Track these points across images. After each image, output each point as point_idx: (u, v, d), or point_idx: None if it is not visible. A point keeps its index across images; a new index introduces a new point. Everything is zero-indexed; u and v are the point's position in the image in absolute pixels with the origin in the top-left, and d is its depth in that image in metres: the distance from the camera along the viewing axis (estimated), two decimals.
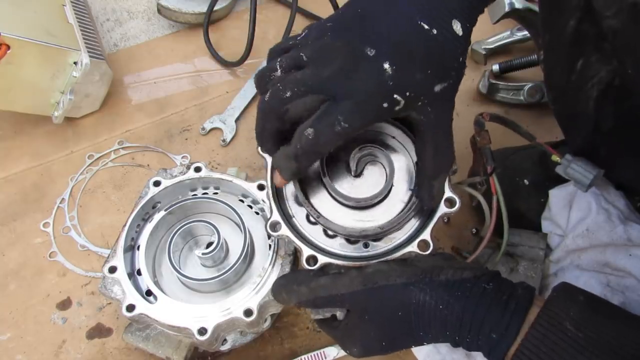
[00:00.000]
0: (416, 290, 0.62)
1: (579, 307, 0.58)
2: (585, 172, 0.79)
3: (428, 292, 0.62)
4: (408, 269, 0.65)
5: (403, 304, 0.63)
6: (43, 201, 1.08)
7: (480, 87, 1.18)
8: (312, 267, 0.68)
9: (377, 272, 0.65)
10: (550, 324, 0.57)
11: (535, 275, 0.85)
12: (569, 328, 0.56)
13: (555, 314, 0.58)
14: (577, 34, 0.71)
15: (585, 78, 0.72)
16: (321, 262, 0.69)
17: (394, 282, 0.63)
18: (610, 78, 0.70)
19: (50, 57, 1.02)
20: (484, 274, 0.63)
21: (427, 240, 0.68)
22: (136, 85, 1.24)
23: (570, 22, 0.70)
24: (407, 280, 0.63)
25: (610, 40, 0.65)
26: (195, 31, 1.32)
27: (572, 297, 0.60)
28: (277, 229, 0.70)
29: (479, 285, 0.61)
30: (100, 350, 0.93)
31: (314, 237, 0.71)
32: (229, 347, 0.85)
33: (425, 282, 0.62)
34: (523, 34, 1.22)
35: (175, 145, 1.16)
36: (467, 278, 0.62)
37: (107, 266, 0.80)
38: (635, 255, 0.77)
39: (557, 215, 0.87)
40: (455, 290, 0.61)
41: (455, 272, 0.63)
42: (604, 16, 0.63)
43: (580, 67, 0.73)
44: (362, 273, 0.65)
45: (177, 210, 0.87)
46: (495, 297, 0.60)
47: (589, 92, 0.73)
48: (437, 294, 0.61)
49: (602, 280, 0.79)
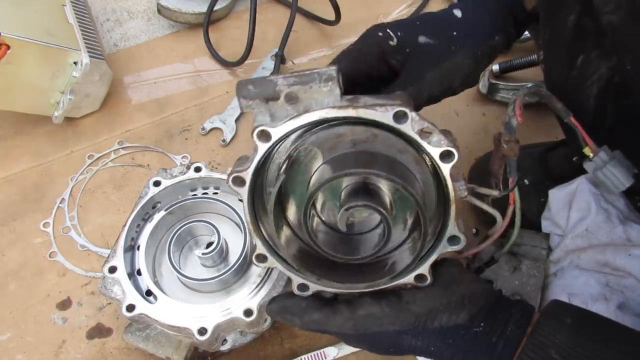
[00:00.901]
0: (409, 337, 0.63)
1: (566, 331, 0.58)
2: (618, 182, 0.71)
3: (420, 339, 0.63)
4: (402, 315, 0.64)
5: (395, 346, 0.65)
6: (43, 201, 1.08)
7: (480, 87, 1.18)
8: (304, 293, 0.67)
9: (369, 316, 0.64)
10: (536, 352, 0.57)
11: (537, 274, 0.85)
12: (554, 357, 0.56)
13: (540, 342, 0.58)
14: (578, 30, 0.71)
15: (585, 75, 0.72)
16: (313, 289, 0.67)
17: (387, 330, 0.64)
18: (610, 75, 0.69)
19: (50, 57, 1.02)
20: (480, 309, 0.62)
21: (425, 275, 0.64)
22: (136, 85, 1.25)
23: (570, 17, 0.70)
24: (400, 328, 0.63)
25: (610, 36, 0.65)
26: (195, 31, 1.32)
27: (559, 321, 0.60)
28: (264, 261, 0.67)
29: (471, 331, 0.62)
30: (100, 350, 0.93)
31: None
32: (229, 347, 0.85)
33: (418, 330, 0.63)
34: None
35: (175, 145, 1.16)
36: (461, 324, 0.62)
37: (107, 266, 0.80)
38: (634, 255, 0.77)
39: (557, 215, 0.87)
40: (447, 338, 0.62)
41: (450, 316, 0.62)
42: (603, 12, 0.63)
43: (581, 63, 0.72)
44: (353, 314, 0.65)
45: (177, 210, 0.87)
46: (485, 340, 0.61)
47: (588, 89, 0.73)
48: (430, 340, 0.63)
49: (601, 280, 0.79)
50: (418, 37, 0.76)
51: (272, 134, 0.61)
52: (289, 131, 0.61)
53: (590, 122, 0.76)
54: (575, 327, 0.59)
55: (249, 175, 0.63)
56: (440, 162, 0.60)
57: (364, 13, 1.37)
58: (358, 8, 1.37)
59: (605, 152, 0.71)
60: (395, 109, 0.59)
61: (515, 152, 0.70)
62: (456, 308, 0.63)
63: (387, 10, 1.39)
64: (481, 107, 1.19)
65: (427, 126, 0.60)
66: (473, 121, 1.17)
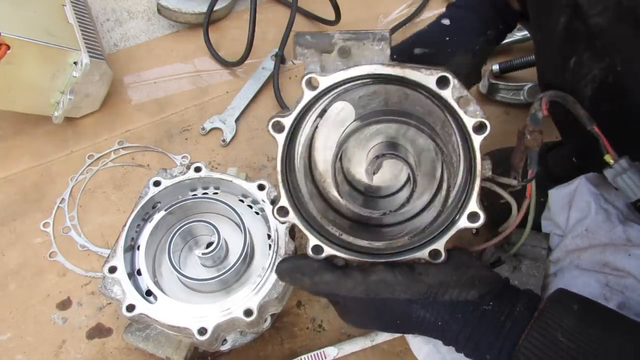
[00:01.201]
0: (418, 307, 0.63)
1: (572, 317, 0.59)
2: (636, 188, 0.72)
3: (430, 310, 0.63)
4: (414, 284, 0.64)
5: (403, 317, 0.64)
6: (43, 201, 1.08)
7: (480, 87, 1.18)
8: (317, 256, 0.67)
9: (382, 282, 0.64)
10: (543, 335, 0.58)
11: (537, 274, 0.86)
12: (561, 340, 0.57)
13: (547, 325, 0.58)
14: (568, 32, 0.71)
15: (578, 76, 0.72)
16: (327, 253, 0.67)
17: (398, 297, 0.63)
18: (604, 76, 0.69)
19: (50, 57, 1.02)
20: (489, 291, 0.63)
21: (440, 251, 0.65)
22: (136, 85, 1.25)
23: (560, 20, 0.70)
24: (411, 297, 0.63)
25: (599, 38, 0.65)
26: (195, 31, 1.32)
27: (566, 307, 0.60)
28: (284, 215, 0.67)
29: (480, 308, 0.62)
30: (100, 350, 0.93)
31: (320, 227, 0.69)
32: (229, 347, 0.85)
33: (429, 301, 0.63)
34: (523, 34, 1.22)
35: (175, 145, 1.16)
36: (471, 300, 0.62)
37: (107, 266, 0.80)
38: (634, 255, 0.77)
39: (557, 215, 0.87)
40: (457, 312, 0.62)
41: (460, 292, 0.63)
42: (590, 14, 0.64)
43: (573, 65, 0.72)
44: (366, 279, 0.65)
45: (177, 210, 0.87)
46: (493, 318, 0.61)
47: (583, 90, 0.73)
48: (439, 313, 0.62)
49: (601, 280, 0.79)
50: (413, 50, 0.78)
51: (321, 82, 0.63)
52: (336, 82, 0.64)
53: None
54: (581, 313, 0.60)
55: (289, 121, 0.65)
56: (472, 133, 0.62)
57: (364, 13, 1.37)
58: (358, 8, 1.37)
59: (625, 160, 0.72)
60: (440, 73, 0.61)
61: (538, 143, 0.71)
62: (466, 286, 0.63)
63: (387, 10, 1.39)
64: (481, 107, 1.18)
65: (466, 95, 0.63)
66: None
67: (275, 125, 0.65)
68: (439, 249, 0.65)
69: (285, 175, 0.68)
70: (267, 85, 1.23)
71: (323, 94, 0.65)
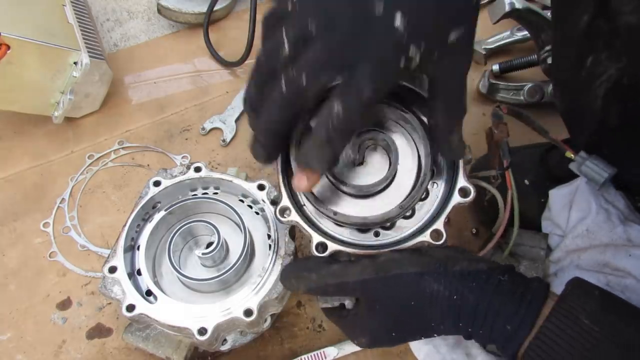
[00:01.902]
0: (430, 279, 0.61)
1: (594, 301, 0.58)
2: (600, 170, 0.78)
3: (442, 282, 0.61)
4: (422, 258, 0.63)
5: (416, 294, 0.62)
6: (43, 201, 1.08)
7: (480, 87, 1.18)
8: (321, 254, 0.67)
9: (390, 260, 0.64)
10: (566, 317, 0.57)
11: (536, 275, 0.85)
12: (584, 322, 0.56)
13: (571, 307, 0.57)
14: (590, 30, 0.70)
15: (594, 75, 0.72)
16: (331, 249, 0.67)
17: (408, 271, 0.62)
18: (619, 76, 0.69)
19: (50, 57, 1.02)
20: (498, 267, 0.63)
21: (440, 230, 0.66)
22: (136, 85, 1.25)
23: (583, 17, 0.70)
24: (422, 269, 0.62)
25: (625, 37, 0.64)
26: (195, 31, 1.32)
27: (587, 292, 0.60)
28: (287, 214, 0.68)
29: (494, 277, 0.61)
30: (100, 350, 0.93)
31: (323, 224, 0.70)
32: (229, 347, 0.85)
33: (440, 272, 0.61)
34: (523, 34, 1.22)
35: (175, 145, 1.16)
36: (482, 270, 0.62)
37: (107, 266, 0.80)
38: (635, 255, 0.77)
39: (557, 216, 0.87)
40: (470, 282, 0.60)
41: (470, 263, 0.62)
42: (621, 12, 0.62)
43: (590, 63, 0.72)
44: (374, 261, 0.64)
45: (177, 210, 0.87)
46: (510, 289, 0.60)
47: (597, 89, 0.72)
48: (452, 284, 0.60)
49: (602, 280, 0.79)
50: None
51: None
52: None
53: (596, 122, 0.76)
54: (603, 298, 0.59)
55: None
56: None
57: None
58: None
59: (584, 152, 0.80)
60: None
61: (505, 134, 0.80)
62: (474, 260, 0.63)
63: None
64: (481, 107, 1.19)
65: None
66: (473, 121, 1.17)
67: None
68: (439, 229, 0.66)
69: (285, 175, 0.70)
70: None
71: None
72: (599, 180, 0.78)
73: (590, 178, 0.79)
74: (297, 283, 0.68)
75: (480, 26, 0.63)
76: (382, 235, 0.70)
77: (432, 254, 0.64)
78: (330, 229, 0.71)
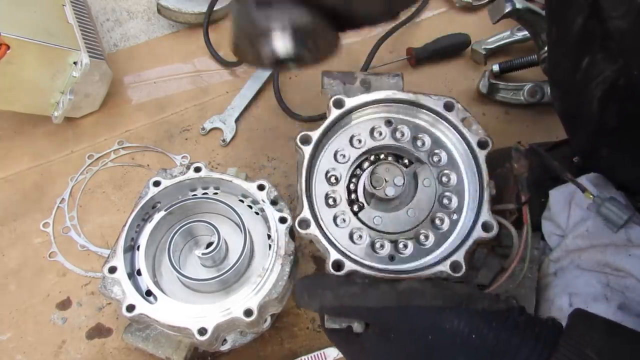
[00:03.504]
0: (452, 316, 0.60)
1: (599, 332, 0.58)
2: (619, 212, 0.77)
3: (463, 319, 0.60)
4: (444, 292, 0.62)
5: (435, 329, 0.60)
6: (43, 201, 1.08)
7: (481, 87, 1.18)
8: (337, 272, 0.66)
9: (412, 290, 0.62)
10: (571, 351, 0.56)
11: (531, 276, 0.85)
12: (590, 355, 0.56)
13: (576, 341, 0.57)
14: (584, 32, 0.70)
15: (590, 77, 0.72)
16: (348, 269, 0.66)
17: (430, 304, 0.61)
18: (615, 78, 0.69)
19: (50, 57, 1.02)
20: (515, 307, 0.63)
21: (460, 262, 0.66)
22: (136, 85, 1.24)
23: (577, 19, 0.70)
24: (444, 304, 0.61)
25: (617, 40, 0.65)
26: (195, 31, 1.32)
27: (591, 322, 0.60)
28: (306, 226, 0.69)
29: (513, 317, 0.61)
30: (100, 350, 0.93)
31: (338, 242, 0.70)
32: (229, 347, 0.85)
33: (462, 309, 0.61)
34: (523, 34, 1.22)
35: (175, 145, 1.16)
36: (502, 310, 0.61)
37: (107, 266, 0.80)
38: (635, 255, 0.77)
39: (557, 215, 0.87)
40: (490, 322, 0.60)
41: (490, 303, 0.62)
42: (611, 16, 0.63)
43: (586, 65, 0.72)
44: (394, 288, 0.63)
45: (177, 210, 0.87)
46: (527, 328, 0.60)
47: (593, 91, 0.72)
48: (473, 322, 0.60)
49: (602, 280, 0.79)
50: None
51: (346, 103, 0.76)
52: (360, 103, 0.77)
53: (594, 124, 0.76)
54: (607, 329, 0.59)
55: (316, 135, 0.74)
56: (477, 149, 0.73)
57: None
58: None
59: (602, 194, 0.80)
60: (446, 99, 0.76)
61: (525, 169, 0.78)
62: (494, 300, 0.63)
63: None
64: (481, 107, 1.19)
65: (468, 116, 0.76)
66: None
67: (303, 138, 0.74)
68: (459, 260, 0.67)
69: (308, 186, 0.71)
70: (267, 85, 1.23)
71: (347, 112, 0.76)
72: (618, 223, 0.77)
73: (609, 220, 0.78)
74: (310, 300, 0.66)
75: (480, 26, 0.64)
76: (397, 260, 0.70)
77: (454, 290, 0.63)
78: (344, 246, 0.70)
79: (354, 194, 0.76)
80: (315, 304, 0.66)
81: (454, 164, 0.76)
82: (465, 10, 1.31)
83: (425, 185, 0.75)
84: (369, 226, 0.73)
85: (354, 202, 0.75)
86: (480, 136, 0.73)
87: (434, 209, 0.73)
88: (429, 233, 0.72)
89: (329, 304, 0.64)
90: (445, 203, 0.74)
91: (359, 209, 0.74)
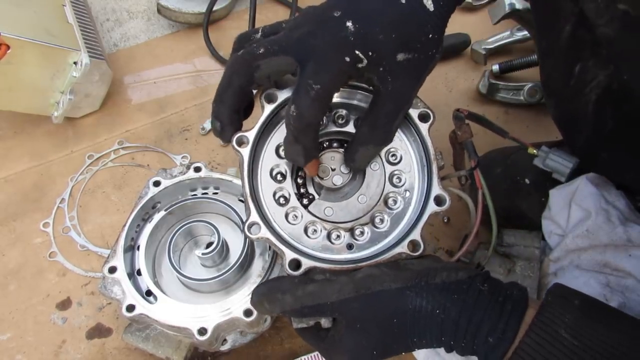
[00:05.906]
0: (412, 295, 0.60)
1: (574, 312, 0.57)
2: (564, 161, 0.80)
3: (425, 296, 0.59)
4: (402, 272, 0.62)
5: (398, 310, 0.60)
6: (43, 201, 1.08)
7: (480, 87, 1.18)
8: (295, 272, 0.65)
9: (369, 277, 0.62)
10: (545, 331, 0.56)
11: (532, 275, 0.85)
12: (564, 336, 0.55)
13: (550, 320, 0.57)
14: (573, 39, 0.71)
15: (583, 82, 0.72)
16: (305, 266, 0.65)
17: (389, 287, 0.60)
18: (608, 82, 0.69)
19: (50, 57, 1.02)
20: (477, 275, 0.62)
21: (417, 241, 0.66)
22: (136, 85, 1.24)
23: (566, 28, 0.70)
24: (403, 284, 0.60)
25: (606, 47, 0.65)
26: (195, 31, 1.32)
27: (566, 302, 0.59)
28: (255, 231, 0.66)
29: (475, 287, 0.60)
30: (100, 350, 0.93)
31: (294, 239, 0.68)
32: (229, 347, 0.85)
33: (421, 286, 0.60)
34: (523, 34, 1.22)
35: (175, 145, 1.16)
36: (462, 280, 0.60)
37: (107, 266, 0.80)
38: (635, 255, 0.77)
39: (557, 215, 0.87)
40: (451, 293, 0.59)
41: (449, 273, 0.61)
42: (597, 24, 0.63)
43: (578, 71, 0.72)
44: (352, 279, 0.62)
45: (177, 210, 0.87)
46: (491, 299, 0.59)
47: (587, 96, 0.73)
48: (434, 298, 0.59)
49: (601, 280, 0.79)
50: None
51: (279, 96, 0.71)
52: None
53: (591, 127, 0.76)
54: (583, 309, 0.58)
55: (252, 135, 0.70)
56: (419, 122, 0.69)
57: None
58: None
59: (545, 146, 0.82)
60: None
61: (469, 134, 0.79)
62: (453, 269, 0.62)
63: None
64: (481, 107, 1.19)
65: None
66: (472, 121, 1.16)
67: (239, 140, 0.69)
68: (416, 239, 0.66)
69: (252, 187, 0.68)
70: None
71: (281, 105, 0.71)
72: (564, 172, 0.80)
73: (556, 171, 0.81)
74: (270, 307, 0.65)
75: (480, 26, 0.64)
76: (356, 248, 0.68)
77: (411, 267, 0.63)
78: (301, 242, 0.68)
79: (303, 188, 0.73)
80: (277, 310, 0.65)
81: (400, 141, 0.72)
82: (465, 10, 1.31)
83: (374, 169, 0.72)
84: (322, 218, 0.70)
85: (304, 196, 0.72)
86: (421, 109, 0.69)
87: (386, 190, 0.71)
88: (384, 216, 0.70)
89: (290, 307, 0.63)
90: (396, 182, 0.71)
91: (309, 202, 0.72)
